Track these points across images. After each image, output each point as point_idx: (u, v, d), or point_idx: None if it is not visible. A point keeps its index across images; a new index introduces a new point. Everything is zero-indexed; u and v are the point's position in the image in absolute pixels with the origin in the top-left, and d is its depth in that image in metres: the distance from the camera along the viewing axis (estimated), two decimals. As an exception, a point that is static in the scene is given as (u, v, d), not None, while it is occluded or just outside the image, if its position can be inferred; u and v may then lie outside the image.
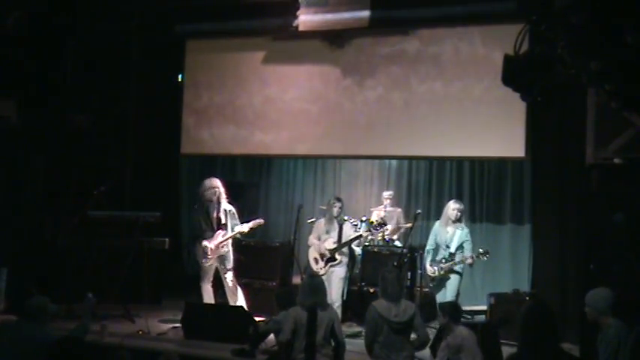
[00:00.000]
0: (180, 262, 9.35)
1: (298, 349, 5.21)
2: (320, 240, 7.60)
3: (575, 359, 3.75)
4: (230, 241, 7.33)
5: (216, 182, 7.42)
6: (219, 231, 7.28)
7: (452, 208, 7.19)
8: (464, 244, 7.05)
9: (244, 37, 9.10)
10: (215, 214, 7.31)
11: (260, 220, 7.45)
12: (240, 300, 7.32)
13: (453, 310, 5.42)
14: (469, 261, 6.97)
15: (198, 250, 7.37)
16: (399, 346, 5.31)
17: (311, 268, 7.59)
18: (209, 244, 7.26)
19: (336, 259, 7.48)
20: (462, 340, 5.22)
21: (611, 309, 4.70)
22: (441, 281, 7.09)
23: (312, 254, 7.63)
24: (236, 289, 7.36)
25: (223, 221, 7.28)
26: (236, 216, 7.38)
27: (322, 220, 7.81)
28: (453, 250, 7.04)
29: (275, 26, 8.75)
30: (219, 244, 7.25)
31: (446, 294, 7.02)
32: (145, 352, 6.14)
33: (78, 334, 5.05)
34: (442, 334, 5.55)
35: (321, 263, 7.51)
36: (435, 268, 7.08)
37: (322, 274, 7.27)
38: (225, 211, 7.32)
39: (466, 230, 7.16)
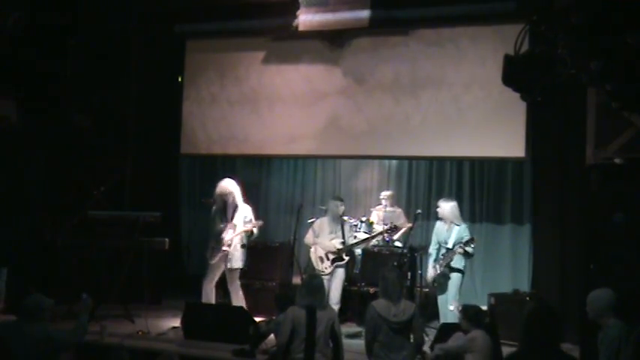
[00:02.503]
0: (181, 262, 9.35)
1: (297, 349, 5.20)
2: (319, 239, 7.60)
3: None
4: (238, 241, 7.29)
5: (226, 185, 7.36)
6: (229, 230, 7.27)
7: (437, 206, 7.30)
8: (463, 240, 7.01)
9: (244, 37, 9.10)
10: (230, 214, 7.30)
11: (259, 222, 7.42)
12: (242, 302, 7.32)
13: (473, 314, 5.41)
14: (459, 250, 6.90)
15: (208, 248, 7.35)
16: (398, 346, 5.30)
17: (313, 268, 7.57)
18: (215, 242, 7.26)
19: (343, 259, 7.52)
20: (477, 346, 5.19)
21: (613, 309, 4.69)
22: (441, 279, 7.05)
23: (318, 253, 7.60)
24: (238, 291, 7.34)
25: (234, 221, 7.28)
26: (248, 217, 7.34)
27: (321, 220, 7.79)
28: (450, 245, 7.02)
29: (275, 26, 8.75)
30: (225, 242, 7.24)
31: (448, 294, 7.01)
32: (144, 352, 6.14)
33: (77, 334, 5.05)
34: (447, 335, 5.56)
35: (327, 262, 7.52)
36: (437, 266, 7.07)
37: (328, 273, 7.34)
38: (240, 211, 7.31)
39: (464, 226, 7.14)
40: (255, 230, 7.30)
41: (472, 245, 6.99)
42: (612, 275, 5.99)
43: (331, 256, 7.51)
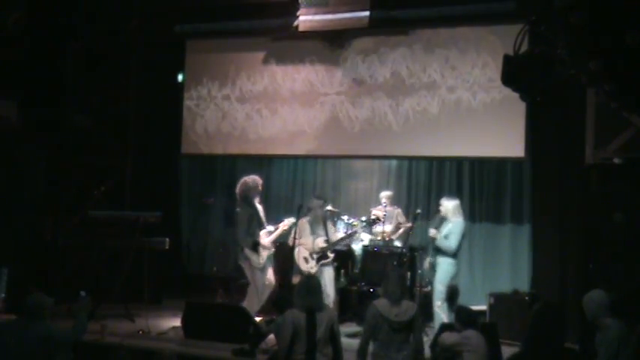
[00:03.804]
0: (180, 262, 9.35)
1: (298, 351, 5.19)
2: (301, 240, 7.55)
3: (579, 355, 3.74)
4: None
5: (257, 179, 7.43)
6: (266, 228, 7.31)
7: (440, 204, 7.36)
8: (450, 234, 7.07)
9: (244, 37, 9.11)
10: (261, 213, 7.36)
11: (291, 219, 7.45)
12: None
13: (466, 316, 5.43)
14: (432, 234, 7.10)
15: (252, 251, 7.23)
16: (398, 346, 5.30)
17: (300, 268, 7.52)
18: (267, 241, 7.27)
19: (328, 257, 7.53)
20: (469, 345, 5.20)
21: (609, 310, 4.68)
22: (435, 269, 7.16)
23: (302, 254, 7.56)
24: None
25: (264, 219, 7.34)
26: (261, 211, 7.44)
27: (301, 221, 7.58)
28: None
29: (275, 26, 8.76)
30: (270, 242, 7.29)
31: (435, 291, 7.09)
32: (144, 352, 6.14)
33: (76, 332, 5.05)
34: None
35: (312, 262, 7.51)
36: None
37: (314, 273, 7.32)
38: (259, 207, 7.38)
39: (460, 223, 7.16)
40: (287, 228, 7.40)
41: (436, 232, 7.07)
42: (612, 275, 6.00)
43: (316, 256, 7.52)
